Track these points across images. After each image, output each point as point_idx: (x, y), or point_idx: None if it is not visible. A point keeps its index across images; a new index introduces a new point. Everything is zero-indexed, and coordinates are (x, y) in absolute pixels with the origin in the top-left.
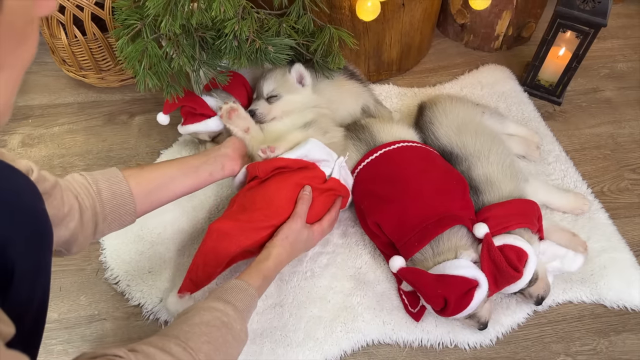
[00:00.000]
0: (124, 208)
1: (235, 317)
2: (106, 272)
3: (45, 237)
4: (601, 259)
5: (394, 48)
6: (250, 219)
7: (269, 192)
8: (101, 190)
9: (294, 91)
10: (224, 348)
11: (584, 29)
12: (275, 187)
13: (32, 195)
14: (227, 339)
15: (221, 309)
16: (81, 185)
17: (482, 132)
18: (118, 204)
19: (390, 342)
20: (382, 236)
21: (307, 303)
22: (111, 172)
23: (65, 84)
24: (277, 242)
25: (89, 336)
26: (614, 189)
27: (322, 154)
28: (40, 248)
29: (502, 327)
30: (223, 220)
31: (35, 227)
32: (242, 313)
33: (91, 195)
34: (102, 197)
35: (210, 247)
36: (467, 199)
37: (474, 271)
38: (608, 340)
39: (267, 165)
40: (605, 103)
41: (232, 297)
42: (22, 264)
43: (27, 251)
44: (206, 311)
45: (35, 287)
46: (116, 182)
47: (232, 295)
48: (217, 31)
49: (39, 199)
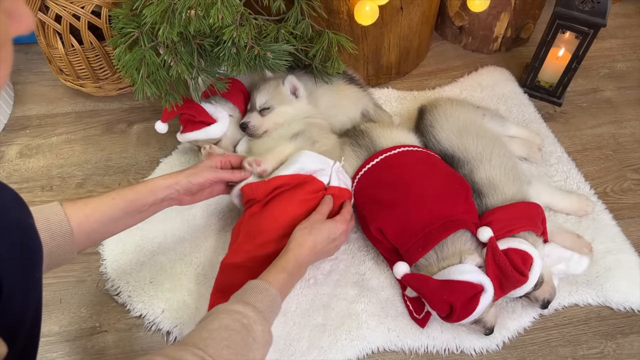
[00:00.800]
0: (63, 248)
1: (256, 318)
2: (107, 284)
3: (34, 252)
4: (606, 261)
5: (392, 52)
6: (262, 244)
7: (275, 215)
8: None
9: (287, 103)
10: (244, 351)
11: (584, 29)
12: (279, 208)
13: (19, 209)
14: (247, 341)
15: (240, 310)
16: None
17: (483, 135)
18: (57, 245)
19: (395, 349)
20: (385, 242)
21: (311, 311)
22: (52, 211)
23: (63, 93)
24: (295, 235)
25: (90, 349)
26: (617, 189)
27: (316, 163)
28: (30, 264)
29: (508, 331)
30: (233, 254)
31: (24, 243)
32: (264, 314)
33: None
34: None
35: (226, 283)
36: (470, 202)
37: (479, 276)
38: (615, 343)
39: (265, 187)
40: (606, 103)
41: (251, 298)
42: (10, 281)
43: (15, 267)
44: (225, 314)
45: (26, 303)
46: (56, 222)
47: (251, 296)
48: (215, 38)
49: (26, 213)
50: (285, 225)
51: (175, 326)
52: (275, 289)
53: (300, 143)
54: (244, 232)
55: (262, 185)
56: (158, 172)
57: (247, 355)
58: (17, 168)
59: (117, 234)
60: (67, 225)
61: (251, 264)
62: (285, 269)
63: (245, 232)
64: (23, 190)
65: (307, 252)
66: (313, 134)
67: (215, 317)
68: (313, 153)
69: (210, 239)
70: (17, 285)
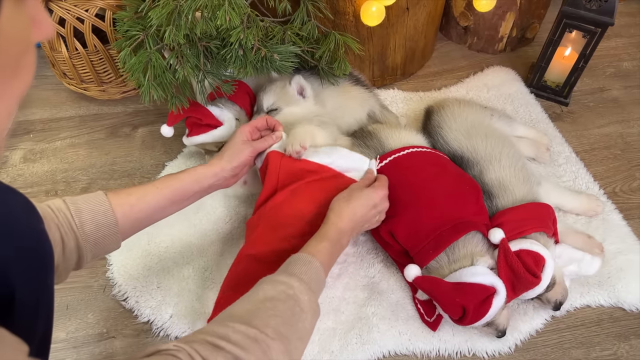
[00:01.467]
0: (109, 239)
1: (302, 288)
2: (114, 289)
3: (45, 258)
4: (617, 261)
5: (398, 53)
6: (284, 237)
7: (300, 208)
8: (84, 223)
9: (294, 103)
10: (292, 320)
11: (591, 28)
12: (304, 202)
13: (30, 215)
14: (295, 310)
15: (285, 281)
16: (64, 216)
17: (492, 135)
18: (102, 236)
19: (407, 353)
20: (395, 245)
21: (321, 315)
22: (96, 201)
23: (66, 97)
24: (333, 205)
25: (98, 355)
26: (626, 189)
27: (348, 162)
28: (42, 270)
29: (521, 334)
30: (253, 245)
31: (36, 249)
32: (309, 285)
33: (73, 230)
34: (85, 231)
35: (241, 276)
36: (480, 204)
37: (491, 278)
38: (629, 344)
39: (290, 166)
40: (613, 102)
41: (295, 269)
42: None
43: (28, 274)
44: (269, 285)
45: (38, 310)
46: (101, 212)
47: (295, 267)
48: (222, 40)
49: (37, 219)
50: (310, 220)
51: (184, 331)
52: (319, 262)
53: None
54: (265, 223)
55: (288, 162)
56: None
57: (297, 324)
58: (21, 173)
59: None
60: (113, 216)
61: (272, 258)
62: (327, 239)
63: (267, 223)
64: (27, 195)
65: (347, 221)
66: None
67: (260, 289)
68: (346, 151)
69: (217, 243)
70: (29, 293)
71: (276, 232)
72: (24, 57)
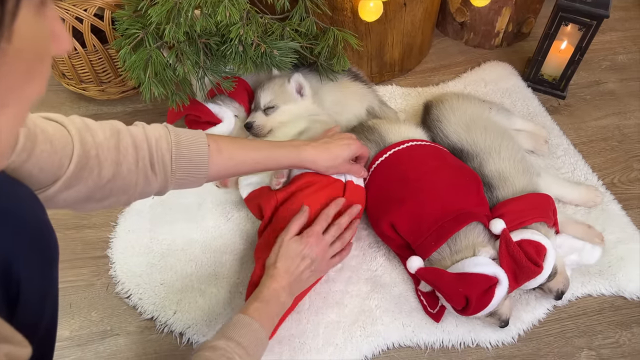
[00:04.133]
0: (196, 177)
1: (241, 352)
2: (117, 287)
3: (50, 250)
4: (617, 251)
5: (396, 48)
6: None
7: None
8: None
9: (291, 101)
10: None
11: (586, 21)
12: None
13: (34, 207)
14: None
15: (223, 347)
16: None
17: (491, 128)
18: (190, 175)
19: (411, 345)
20: (397, 238)
21: (324, 308)
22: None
23: (66, 98)
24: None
25: (102, 352)
26: (624, 179)
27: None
28: (46, 262)
29: (523, 323)
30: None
31: (40, 241)
32: (247, 349)
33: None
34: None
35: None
36: (481, 195)
37: (493, 268)
38: (630, 332)
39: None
40: (609, 95)
41: (234, 333)
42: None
43: (32, 267)
44: (209, 351)
45: (43, 304)
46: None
47: (234, 331)
48: (222, 37)
49: (41, 210)
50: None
51: (188, 327)
52: (258, 323)
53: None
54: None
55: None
56: None
57: None
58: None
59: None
60: (206, 170)
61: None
62: (258, 299)
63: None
64: None
65: (278, 279)
66: (318, 132)
67: (200, 356)
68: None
69: (219, 239)
70: (35, 286)
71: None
72: (39, 65)
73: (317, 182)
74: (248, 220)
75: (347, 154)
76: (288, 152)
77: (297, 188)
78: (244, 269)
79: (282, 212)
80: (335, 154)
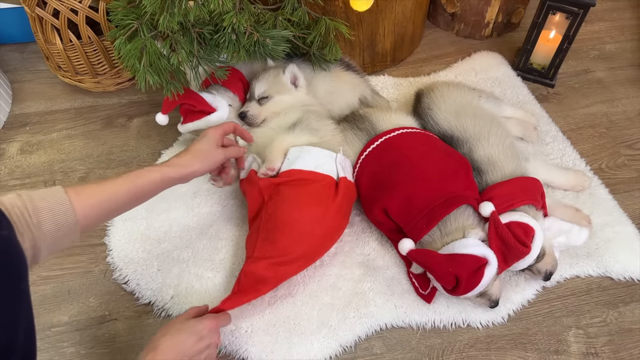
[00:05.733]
0: (68, 237)
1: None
2: (114, 273)
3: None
4: (605, 233)
5: (387, 39)
6: (284, 251)
7: (292, 217)
8: (42, 223)
9: (285, 92)
10: None
11: (573, 9)
12: (293, 210)
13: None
14: None
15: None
16: (19, 216)
17: (480, 115)
18: (62, 235)
19: (403, 325)
20: (389, 222)
21: (319, 291)
22: (56, 198)
23: (61, 90)
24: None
25: (100, 337)
26: (611, 165)
27: (318, 158)
28: (13, 277)
29: (513, 304)
30: (255, 261)
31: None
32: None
33: (31, 230)
34: (43, 230)
35: (250, 287)
36: (470, 179)
37: (482, 249)
38: (617, 312)
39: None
40: (597, 83)
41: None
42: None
43: None
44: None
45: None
46: (61, 212)
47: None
48: (215, 26)
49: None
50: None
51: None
52: None
53: (299, 132)
54: (262, 236)
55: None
56: None
57: None
58: (18, 164)
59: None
60: (73, 216)
61: (271, 276)
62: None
63: (264, 237)
64: (26, 185)
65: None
66: (312, 123)
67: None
68: (315, 149)
69: (214, 225)
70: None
71: (274, 244)
72: None
73: (307, 177)
74: (243, 208)
75: (210, 142)
76: (152, 177)
77: (282, 181)
78: (239, 254)
79: (269, 206)
80: (197, 149)
